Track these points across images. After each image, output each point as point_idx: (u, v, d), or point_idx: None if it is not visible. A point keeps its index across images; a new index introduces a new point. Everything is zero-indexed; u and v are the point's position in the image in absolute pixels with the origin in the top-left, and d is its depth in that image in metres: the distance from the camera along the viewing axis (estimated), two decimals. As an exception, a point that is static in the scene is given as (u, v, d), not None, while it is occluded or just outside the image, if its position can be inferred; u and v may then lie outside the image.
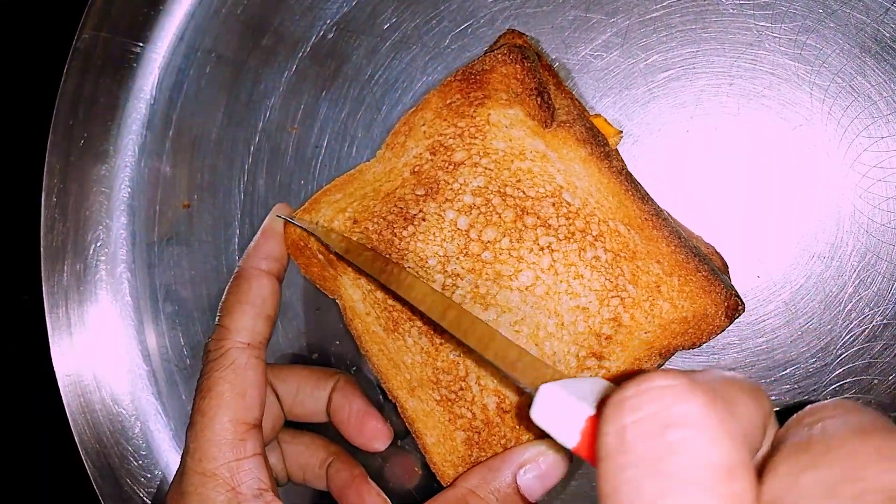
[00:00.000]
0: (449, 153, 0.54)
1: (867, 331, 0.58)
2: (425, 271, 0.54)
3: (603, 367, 0.52)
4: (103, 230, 0.68)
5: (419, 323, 0.55)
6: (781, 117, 0.58)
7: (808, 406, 0.35)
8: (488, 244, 0.53)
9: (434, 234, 0.54)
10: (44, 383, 0.68)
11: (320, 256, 0.58)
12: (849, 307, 0.58)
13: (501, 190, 0.53)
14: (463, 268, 0.53)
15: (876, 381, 0.58)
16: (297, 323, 0.66)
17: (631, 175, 0.53)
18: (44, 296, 0.68)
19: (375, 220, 0.56)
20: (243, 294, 0.53)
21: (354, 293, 0.58)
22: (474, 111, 0.54)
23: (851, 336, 0.58)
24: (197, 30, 0.67)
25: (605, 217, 0.52)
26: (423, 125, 0.55)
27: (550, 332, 0.52)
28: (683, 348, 0.52)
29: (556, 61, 0.60)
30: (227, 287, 0.55)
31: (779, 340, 0.59)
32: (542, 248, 0.52)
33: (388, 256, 0.55)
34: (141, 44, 0.67)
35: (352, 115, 0.64)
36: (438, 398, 0.55)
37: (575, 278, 0.52)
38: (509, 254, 0.53)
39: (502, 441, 0.54)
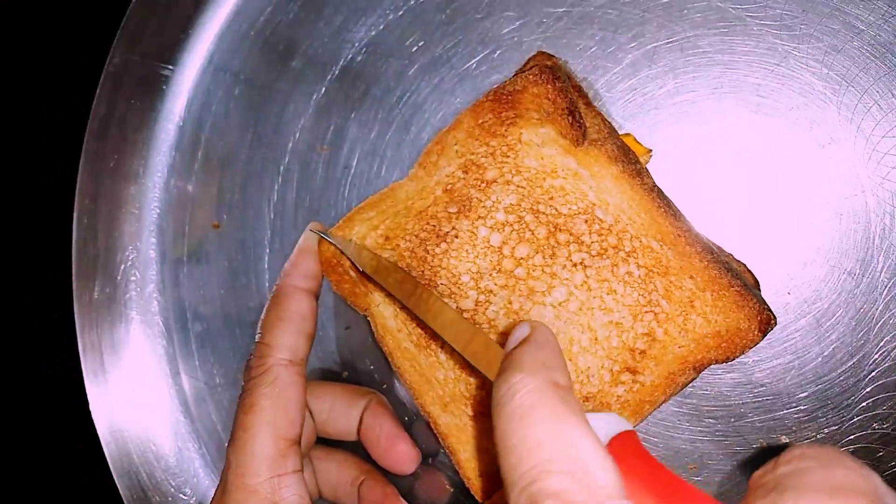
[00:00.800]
0: (481, 171, 0.55)
1: (897, 347, 0.58)
2: (458, 288, 0.55)
3: (637, 382, 0.53)
4: (133, 250, 0.69)
5: None
6: (810, 136, 0.58)
7: (788, 451, 0.36)
8: (521, 261, 0.54)
9: (467, 250, 0.55)
10: (72, 396, 0.69)
11: (352, 274, 0.58)
12: (880, 324, 0.58)
13: (534, 207, 0.54)
14: (496, 284, 0.54)
15: (907, 397, 0.58)
16: (327, 341, 0.67)
17: (662, 192, 0.54)
18: (75, 315, 0.69)
19: (408, 237, 0.56)
20: (283, 311, 0.54)
21: (386, 310, 0.59)
22: (506, 130, 0.55)
23: (883, 353, 0.58)
24: (226, 52, 0.68)
25: (637, 233, 0.52)
26: (456, 144, 0.56)
27: (584, 347, 0.53)
28: (717, 362, 0.52)
29: (584, 81, 0.61)
30: (266, 305, 0.56)
31: (810, 356, 0.59)
32: (574, 265, 0.53)
33: (420, 274, 0.56)
34: (171, 66, 0.68)
35: (381, 136, 0.65)
36: (472, 413, 0.56)
37: (608, 294, 0.53)
38: (542, 270, 0.53)
39: None
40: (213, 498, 0.52)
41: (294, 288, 0.55)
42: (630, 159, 0.53)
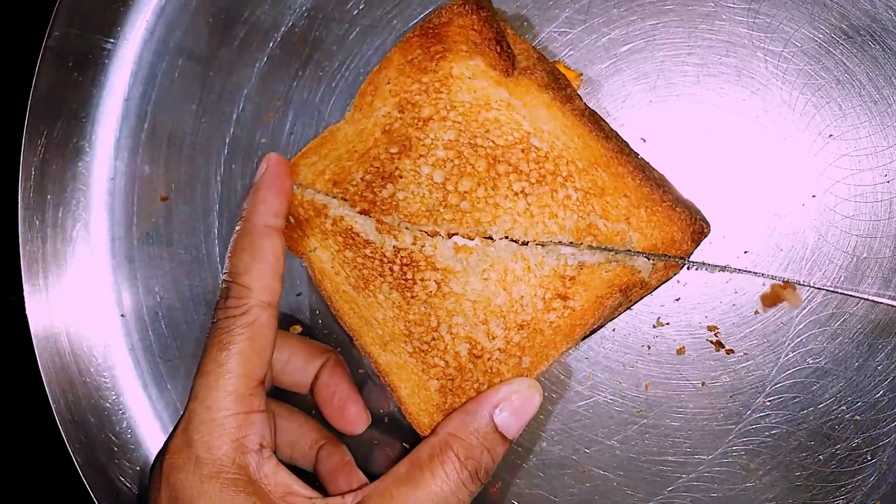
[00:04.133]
0: (417, 109, 0.57)
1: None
2: (408, 227, 0.57)
3: (568, 307, 0.55)
4: (82, 227, 0.69)
5: (389, 278, 0.57)
6: (740, 84, 0.61)
7: None
8: (465, 194, 0.55)
9: (412, 190, 0.56)
10: (31, 382, 0.68)
11: (290, 218, 0.59)
12: (810, 263, 0.61)
13: (472, 141, 0.56)
14: (444, 219, 0.56)
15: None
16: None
17: (595, 114, 0.57)
18: (25, 296, 0.68)
19: (355, 182, 0.58)
20: (258, 252, 0.54)
21: (323, 254, 0.59)
22: (436, 65, 0.56)
23: (812, 290, 0.61)
24: (167, 24, 0.68)
25: (572, 158, 0.55)
26: (388, 83, 0.58)
27: (518, 276, 0.55)
28: (644, 283, 0.55)
29: (519, 19, 0.62)
30: (234, 242, 0.55)
31: (745, 298, 0.61)
32: (516, 194, 0.55)
33: (375, 215, 0.57)
34: (112, 40, 0.68)
35: (325, 101, 0.66)
36: (411, 350, 0.57)
37: (550, 218, 0.55)
38: (486, 202, 0.55)
39: (475, 386, 0.56)
40: (175, 426, 0.53)
41: (266, 228, 0.55)
42: (560, 85, 0.56)
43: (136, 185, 0.69)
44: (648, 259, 0.55)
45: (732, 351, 0.61)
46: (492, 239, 0.55)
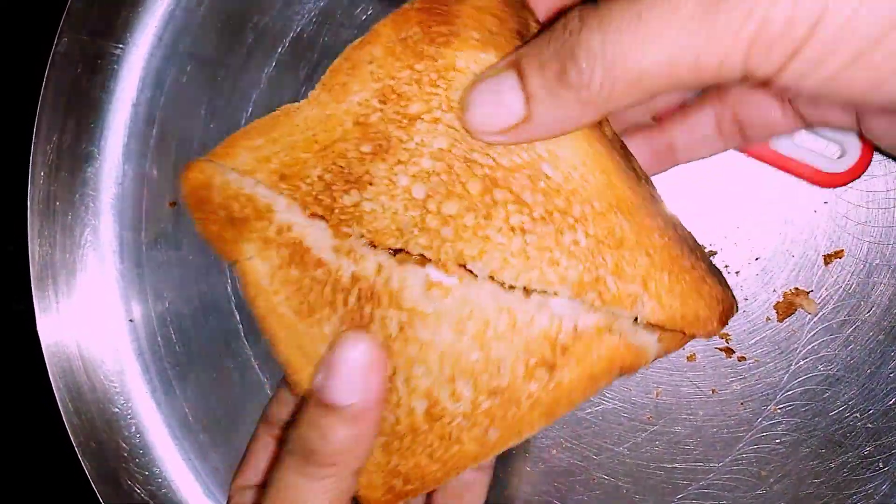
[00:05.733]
0: (403, 103, 0.45)
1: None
2: (375, 241, 0.46)
3: (554, 380, 0.44)
4: (91, 232, 0.69)
5: (341, 310, 0.47)
6: (750, 89, 0.60)
7: None
8: (449, 219, 0.44)
9: (383, 202, 0.45)
10: (39, 388, 0.68)
11: (221, 212, 0.49)
12: (822, 269, 0.60)
13: (468, 156, 0.44)
14: (418, 243, 0.45)
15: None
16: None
17: (626, 147, 0.47)
18: (34, 301, 0.68)
19: (309, 180, 0.46)
20: None
21: (261, 266, 0.49)
22: (437, 51, 0.44)
23: (825, 296, 0.60)
24: (176, 29, 0.68)
25: (589, 196, 0.44)
26: (371, 63, 0.46)
27: (500, 334, 0.44)
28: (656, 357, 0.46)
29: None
30: None
31: (757, 303, 0.61)
32: (512, 229, 0.44)
33: (331, 225, 0.47)
34: (121, 45, 0.68)
35: (334, 107, 0.66)
36: None
37: (549, 265, 0.44)
38: (473, 232, 0.44)
39: (428, 451, 0.46)
40: None
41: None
42: None
43: (145, 190, 0.69)
44: (656, 337, 0.44)
45: (744, 358, 0.61)
46: (473, 275, 0.44)
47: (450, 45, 0.44)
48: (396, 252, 0.46)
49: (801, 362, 0.60)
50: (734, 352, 0.61)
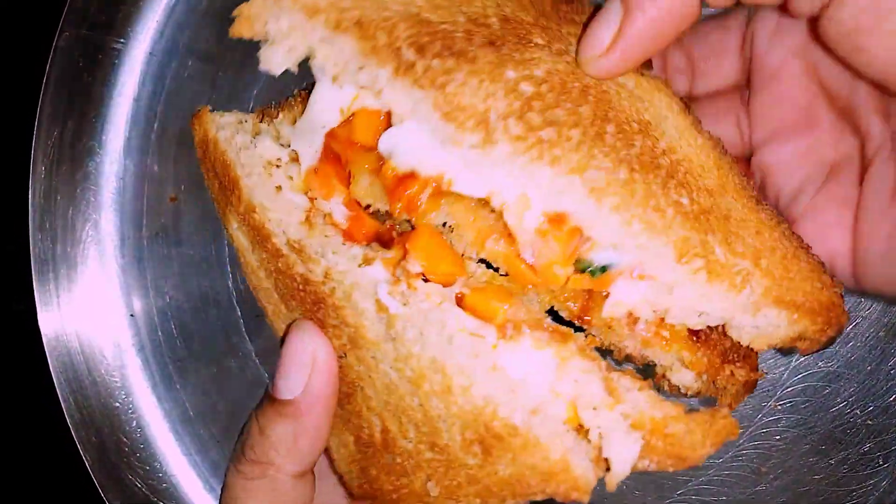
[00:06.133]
0: (527, 35, 0.45)
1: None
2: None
3: (488, 464, 0.44)
4: (92, 227, 0.69)
5: (300, 307, 0.48)
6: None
7: None
8: (559, 129, 0.43)
9: (484, 82, 0.43)
10: (39, 387, 0.68)
11: (213, 172, 0.51)
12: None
13: (581, 82, 0.44)
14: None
15: None
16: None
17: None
18: (35, 296, 0.68)
19: (396, 32, 0.43)
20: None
21: (243, 239, 0.51)
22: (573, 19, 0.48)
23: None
24: (177, 24, 0.68)
25: (696, 171, 0.44)
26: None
27: (435, 391, 0.43)
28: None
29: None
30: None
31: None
32: (620, 160, 0.42)
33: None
34: (122, 40, 0.68)
35: (335, 102, 0.66)
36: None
37: (654, 211, 0.42)
38: (577, 148, 0.43)
39: (385, 468, 0.47)
40: None
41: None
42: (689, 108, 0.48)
43: (146, 185, 0.69)
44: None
45: (744, 354, 0.61)
46: (436, 300, 0.44)
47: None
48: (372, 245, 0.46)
49: (802, 358, 0.60)
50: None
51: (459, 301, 0.44)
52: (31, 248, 0.68)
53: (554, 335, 0.43)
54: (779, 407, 0.61)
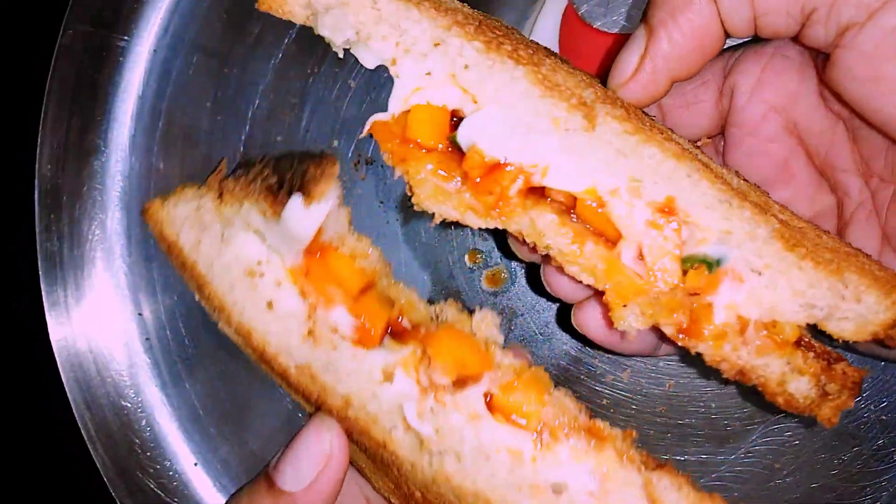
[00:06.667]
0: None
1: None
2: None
3: None
4: (98, 225, 0.69)
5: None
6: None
7: None
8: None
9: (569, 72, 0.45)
10: (39, 386, 0.68)
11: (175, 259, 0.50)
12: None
13: None
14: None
15: None
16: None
17: None
18: (42, 296, 0.68)
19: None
20: None
21: (243, 343, 0.51)
22: None
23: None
24: (182, 20, 0.67)
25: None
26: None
27: None
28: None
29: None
30: None
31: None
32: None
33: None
34: (126, 37, 0.67)
35: (341, 99, 0.65)
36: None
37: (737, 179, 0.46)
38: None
39: None
40: None
41: None
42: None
43: (152, 182, 0.68)
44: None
45: (756, 349, 0.60)
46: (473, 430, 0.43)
47: None
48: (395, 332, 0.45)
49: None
50: (747, 343, 0.61)
51: (489, 403, 0.43)
52: (37, 248, 0.68)
53: (590, 435, 0.42)
54: (792, 402, 0.60)
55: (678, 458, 0.62)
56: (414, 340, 0.44)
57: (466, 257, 0.66)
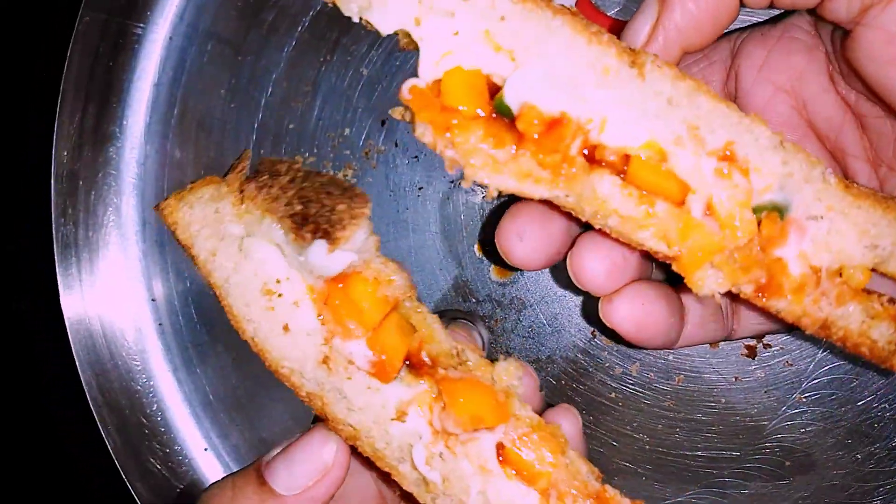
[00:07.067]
0: None
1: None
2: None
3: None
4: (114, 212, 0.69)
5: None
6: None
7: None
8: None
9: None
10: (39, 386, 0.69)
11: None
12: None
13: None
14: None
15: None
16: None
17: None
18: (57, 280, 0.69)
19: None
20: None
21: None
22: None
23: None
24: (197, 8, 0.67)
25: None
26: None
27: None
28: None
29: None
30: None
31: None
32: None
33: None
34: (142, 25, 0.68)
35: (353, 87, 0.65)
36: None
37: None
38: None
39: None
40: None
41: None
42: None
43: (167, 169, 0.69)
44: None
45: (769, 345, 0.59)
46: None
47: None
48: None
49: (828, 350, 0.59)
50: (762, 338, 0.60)
51: (500, 452, 0.42)
52: (53, 232, 0.69)
53: (598, 502, 0.42)
54: (804, 399, 0.59)
55: (687, 452, 0.61)
56: (430, 379, 0.43)
57: (476, 247, 0.66)
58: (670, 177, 0.41)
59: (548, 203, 0.43)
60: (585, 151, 0.41)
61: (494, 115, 0.41)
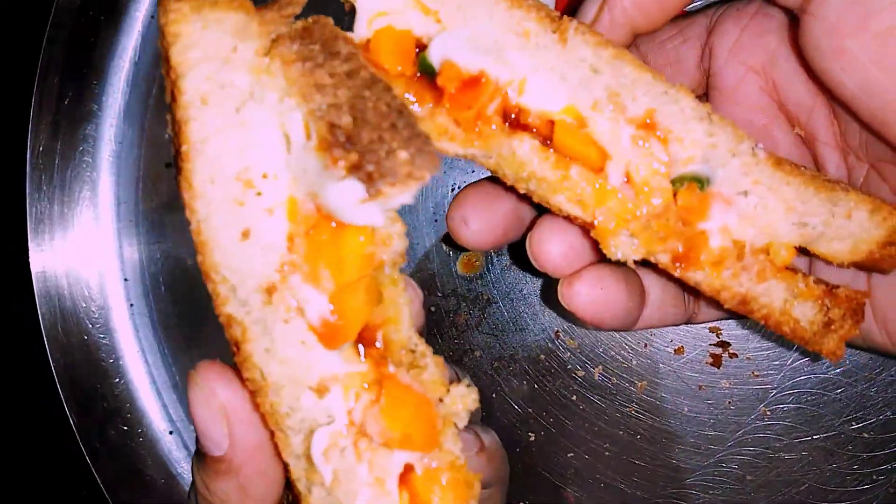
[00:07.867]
0: None
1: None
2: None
3: None
4: (89, 189, 0.69)
5: None
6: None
7: None
8: None
9: None
10: (39, 385, 0.69)
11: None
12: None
13: None
14: None
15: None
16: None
17: None
18: (29, 255, 0.69)
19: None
20: None
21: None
22: None
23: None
24: (177, -13, 0.67)
25: None
26: None
27: None
28: None
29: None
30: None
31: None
32: None
33: None
34: (122, 3, 0.68)
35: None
36: None
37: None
38: None
39: None
40: None
41: None
42: None
43: (144, 150, 0.69)
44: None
45: (735, 355, 0.58)
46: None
47: None
48: None
49: (796, 363, 0.57)
50: (729, 345, 0.58)
51: (404, 478, 0.38)
52: (27, 207, 0.69)
53: None
54: (769, 413, 0.57)
55: (647, 460, 0.59)
56: (373, 365, 0.37)
57: (441, 240, 0.64)
58: (589, 142, 0.41)
59: (496, 185, 0.44)
60: (513, 116, 0.42)
61: (419, 75, 0.42)
